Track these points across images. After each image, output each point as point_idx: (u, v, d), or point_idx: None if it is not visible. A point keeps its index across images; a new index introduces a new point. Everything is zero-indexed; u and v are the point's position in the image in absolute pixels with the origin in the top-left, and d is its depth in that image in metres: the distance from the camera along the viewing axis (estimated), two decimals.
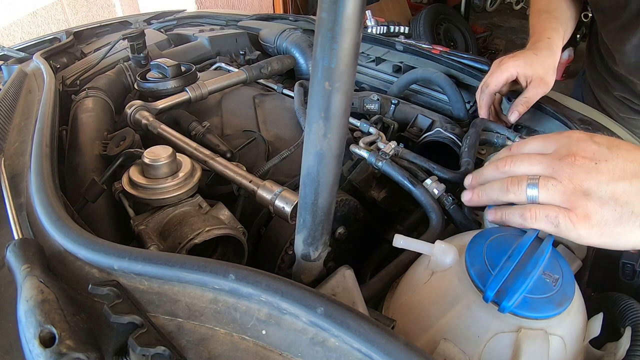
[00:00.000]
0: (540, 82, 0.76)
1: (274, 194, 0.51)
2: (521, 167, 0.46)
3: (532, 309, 0.37)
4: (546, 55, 0.79)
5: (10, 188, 0.49)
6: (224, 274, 0.33)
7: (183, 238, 0.47)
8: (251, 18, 1.33)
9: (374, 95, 0.86)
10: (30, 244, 0.37)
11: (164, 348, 0.31)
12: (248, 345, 0.33)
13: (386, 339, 0.29)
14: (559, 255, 0.42)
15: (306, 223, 0.35)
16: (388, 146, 0.67)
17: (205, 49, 1.13)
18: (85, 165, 0.62)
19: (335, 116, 0.27)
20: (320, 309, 0.31)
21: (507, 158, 0.49)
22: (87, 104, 0.76)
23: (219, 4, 3.22)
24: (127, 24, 1.32)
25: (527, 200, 0.44)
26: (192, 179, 0.54)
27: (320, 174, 0.31)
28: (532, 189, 0.44)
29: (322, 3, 0.23)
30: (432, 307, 0.42)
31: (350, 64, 0.25)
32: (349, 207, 0.60)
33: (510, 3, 5.38)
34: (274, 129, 0.79)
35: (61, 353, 0.28)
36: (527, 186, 0.44)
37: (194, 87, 0.80)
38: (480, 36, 4.06)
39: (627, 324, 0.41)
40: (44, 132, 0.56)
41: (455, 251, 0.42)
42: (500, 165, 0.49)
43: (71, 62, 1.00)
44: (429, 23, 3.43)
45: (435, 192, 0.60)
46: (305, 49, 1.08)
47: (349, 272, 0.39)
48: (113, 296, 0.34)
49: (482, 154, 0.76)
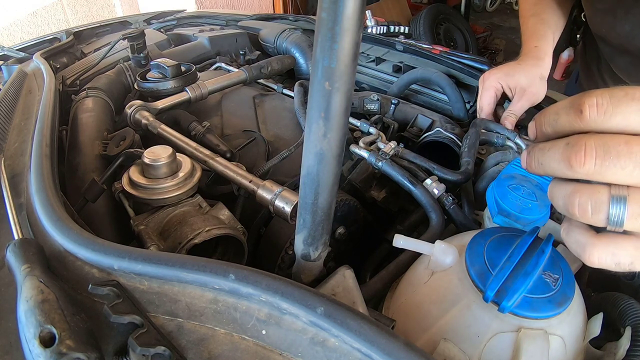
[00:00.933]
0: (524, 93, 0.76)
1: (274, 194, 0.51)
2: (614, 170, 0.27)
3: (532, 309, 0.37)
4: (532, 64, 0.79)
5: (10, 188, 0.49)
6: (224, 274, 0.33)
7: (183, 238, 0.47)
8: (251, 18, 1.32)
9: (374, 95, 0.86)
10: (30, 244, 0.37)
11: (164, 348, 0.31)
12: (248, 345, 0.33)
13: (386, 339, 0.29)
14: (559, 255, 0.42)
15: (306, 223, 0.35)
16: (388, 146, 0.67)
17: (205, 49, 1.13)
18: (85, 165, 0.62)
19: (335, 116, 0.27)
20: (320, 309, 0.31)
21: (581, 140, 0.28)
22: (87, 104, 0.76)
23: (219, 4, 3.22)
24: (127, 24, 1.32)
25: (609, 225, 0.28)
26: (192, 179, 0.54)
27: (320, 174, 0.31)
28: (617, 207, 0.28)
29: (322, 3, 0.23)
30: (432, 307, 0.42)
31: (350, 64, 0.25)
32: (349, 207, 0.60)
33: (510, 3, 5.38)
34: (274, 129, 0.79)
35: (61, 353, 0.28)
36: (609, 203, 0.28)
37: (194, 87, 0.80)
38: (480, 36, 4.06)
39: (627, 324, 0.41)
40: (44, 132, 0.56)
41: (455, 251, 0.42)
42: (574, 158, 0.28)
43: (71, 62, 1.00)
44: (429, 23, 3.43)
45: (435, 192, 0.60)
46: (305, 49, 1.08)
47: (349, 272, 0.39)
48: (113, 296, 0.34)
49: (482, 154, 0.76)
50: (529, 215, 0.46)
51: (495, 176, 0.60)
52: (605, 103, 0.27)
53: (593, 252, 0.29)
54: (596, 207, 0.28)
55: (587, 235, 0.30)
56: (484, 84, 0.79)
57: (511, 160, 0.63)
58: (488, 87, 0.78)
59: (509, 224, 0.47)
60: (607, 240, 0.29)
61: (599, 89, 0.27)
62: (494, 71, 0.79)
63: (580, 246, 0.30)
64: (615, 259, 0.29)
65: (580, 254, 0.30)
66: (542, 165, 0.31)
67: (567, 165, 0.28)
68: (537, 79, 0.77)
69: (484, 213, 0.55)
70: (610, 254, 0.29)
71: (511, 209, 0.47)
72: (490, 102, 0.78)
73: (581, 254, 0.30)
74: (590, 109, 0.27)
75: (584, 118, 0.28)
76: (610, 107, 0.27)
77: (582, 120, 0.28)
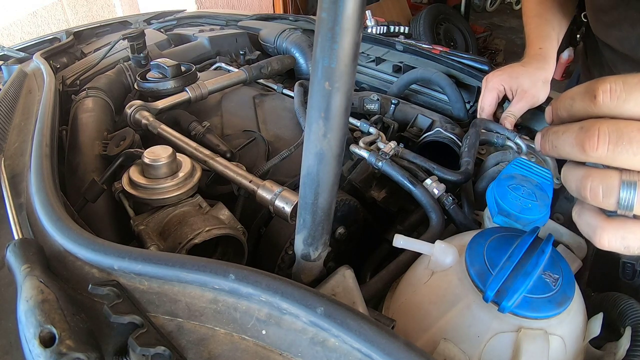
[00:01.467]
0: (525, 94, 0.76)
1: (274, 194, 0.51)
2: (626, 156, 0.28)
3: (532, 309, 0.37)
4: (536, 67, 0.79)
5: (10, 188, 0.49)
6: (224, 274, 0.33)
7: (183, 238, 0.47)
8: (251, 18, 1.33)
9: (374, 95, 0.86)
10: (30, 244, 0.37)
11: (164, 348, 0.31)
12: (248, 345, 0.33)
13: (386, 339, 0.29)
14: (559, 255, 0.42)
15: (306, 223, 0.35)
16: (388, 146, 0.67)
17: (205, 49, 1.13)
18: (85, 165, 0.62)
19: (335, 116, 0.27)
20: (320, 309, 0.31)
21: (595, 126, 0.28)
22: (87, 104, 0.76)
23: (219, 4, 3.22)
24: (127, 24, 1.32)
25: (619, 209, 0.29)
26: (192, 179, 0.54)
27: (320, 174, 0.31)
28: (627, 192, 0.28)
29: (322, 3, 0.23)
30: (432, 307, 0.42)
31: (350, 64, 0.25)
32: (349, 207, 0.60)
33: (510, 3, 5.38)
34: (274, 129, 0.79)
35: (61, 353, 0.28)
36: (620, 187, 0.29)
37: (194, 87, 0.80)
38: (480, 36, 4.05)
39: (627, 324, 0.41)
40: (44, 132, 0.56)
41: (455, 251, 0.42)
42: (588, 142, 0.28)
43: (71, 62, 1.00)
44: (429, 23, 3.43)
45: (435, 192, 0.60)
46: (305, 49, 1.08)
47: (349, 272, 0.39)
48: (113, 296, 0.34)
49: (482, 154, 0.76)
50: (529, 215, 0.46)
51: (495, 176, 0.59)
52: (618, 89, 0.27)
53: (603, 235, 0.30)
54: (607, 191, 0.29)
55: (598, 219, 0.30)
56: (487, 85, 0.79)
57: (511, 160, 0.63)
58: (491, 88, 0.78)
59: (509, 224, 0.47)
60: (618, 224, 0.30)
61: (613, 76, 0.28)
62: (498, 73, 0.79)
63: (592, 229, 0.31)
64: (624, 242, 0.30)
65: (590, 237, 0.31)
66: (556, 148, 0.32)
67: (580, 149, 0.29)
68: (540, 82, 0.77)
69: (484, 213, 0.56)
70: (620, 237, 0.30)
71: (511, 209, 0.47)
72: (491, 104, 0.78)
73: (592, 237, 0.31)
74: (604, 94, 0.28)
75: (597, 103, 0.28)
76: (623, 93, 0.27)
77: (596, 105, 0.28)
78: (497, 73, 0.79)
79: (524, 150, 0.70)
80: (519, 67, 0.79)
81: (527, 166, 0.54)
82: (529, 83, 0.77)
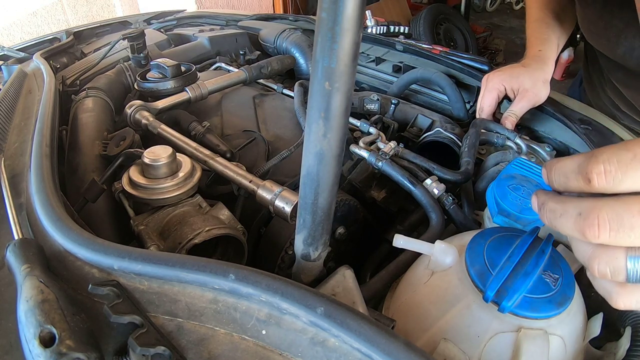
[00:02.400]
0: (526, 94, 0.76)
1: (274, 194, 0.51)
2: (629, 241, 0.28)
3: (532, 309, 0.37)
4: (535, 68, 0.79)
5: (10, 188, 0.49)
6: (224, 274, 0.33)
7: (183, 238, 0.47)
8: (251, 18, 1.33)
9: (374, 95, 0.86)
10: (30, 244, 0.37)
11: (164, 348, 0.31)
12: (248, 345, 0.33)
13: (386, 339, 0.29)
14: (559, 255, 0.42)
15: (306, 223, 0.35)
16: (388, 146, 0.67)
17: (205, 49, 1.13)
18: (85, 165, 0.62)
19: (335, 116, 0.27)
20: (320, 309, 0.31)
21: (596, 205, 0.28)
22: (87, 104, 0.76)
23: (219, 4, 3.22)
24: (127, 24, 1.32)
25: (629, 282, 0.29)
26: (192, 179, 0.54)
27: (320, 174, 0.31)
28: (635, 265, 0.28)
29: (322, 3, 0.23)
30: (432, 307, 0.42)
31: (350, 64, 0.25)
32: (349, 207, 0.60)
33: (510, 3, 5.38)
34: (274, 129, 0.79)
35: (61, 353, 0.28)
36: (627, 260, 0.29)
37: (194, 87, 0.80)
38: (480, 36, 4.06)
39: (627, 324, 0.41)
40: (44, 132, 0.56)
41: (455, 251, 0.42)
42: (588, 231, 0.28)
43: (71, 62, 1.00)
44: (429, 23, 3.43)
45: (435, 192, 0.60)
46: (305, 49, 1.08)
47: (349, 272, 0.39)
48: (113, 296, 0.34)
49: (482, 154, 0.76)
50: (529, 215, 0.46)
51: (495, 176, 0.60)
52: (613, 169, 0.27)
53: (619, 299, 0.31)
54: (615, 271, 0.29)
55: (612, 284, 0.31)
56: (487, 85, 0.79)
57: (511, 160, 0.63)
58: (491, 88, 0.78)
59: (509, 224, 0.47)
60: (631, 289, 0.30)
61: (606, 151, 0.27)
62: (498, 73, 0.79)
63: (607, 293, 0.31)
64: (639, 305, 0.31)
65: (607, 299, 0.32)
66: (556, 227, 0.31)
67: (582, 236, 0.29)
68: (540, 82, 0.78)
69: (484, 213, 0.55)
70: (635, 300, 0.30)
71: (511, 209, 0.47)
72: (491, 104, 0.78)
73: (608, 300, 0.32)
74: (599, 177, 0.27)
75: (592, 187, 0.28)
76: (619, 173, 0.27)
77: (592, 188, 0.28)
78: (497, 73, 0.79)
79: (524, 150, 0.70)
80: (519, 67, 0.79)
81: (527, 166, 0.54)
82: (530, 82, 0.77)
